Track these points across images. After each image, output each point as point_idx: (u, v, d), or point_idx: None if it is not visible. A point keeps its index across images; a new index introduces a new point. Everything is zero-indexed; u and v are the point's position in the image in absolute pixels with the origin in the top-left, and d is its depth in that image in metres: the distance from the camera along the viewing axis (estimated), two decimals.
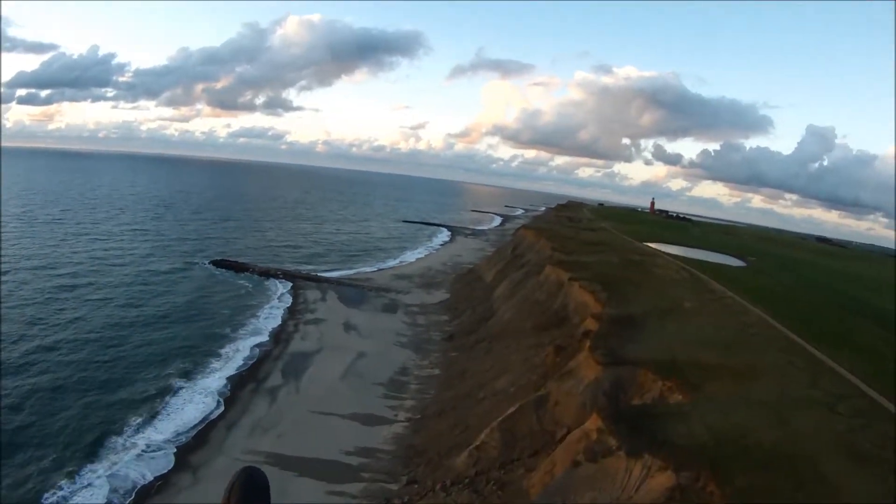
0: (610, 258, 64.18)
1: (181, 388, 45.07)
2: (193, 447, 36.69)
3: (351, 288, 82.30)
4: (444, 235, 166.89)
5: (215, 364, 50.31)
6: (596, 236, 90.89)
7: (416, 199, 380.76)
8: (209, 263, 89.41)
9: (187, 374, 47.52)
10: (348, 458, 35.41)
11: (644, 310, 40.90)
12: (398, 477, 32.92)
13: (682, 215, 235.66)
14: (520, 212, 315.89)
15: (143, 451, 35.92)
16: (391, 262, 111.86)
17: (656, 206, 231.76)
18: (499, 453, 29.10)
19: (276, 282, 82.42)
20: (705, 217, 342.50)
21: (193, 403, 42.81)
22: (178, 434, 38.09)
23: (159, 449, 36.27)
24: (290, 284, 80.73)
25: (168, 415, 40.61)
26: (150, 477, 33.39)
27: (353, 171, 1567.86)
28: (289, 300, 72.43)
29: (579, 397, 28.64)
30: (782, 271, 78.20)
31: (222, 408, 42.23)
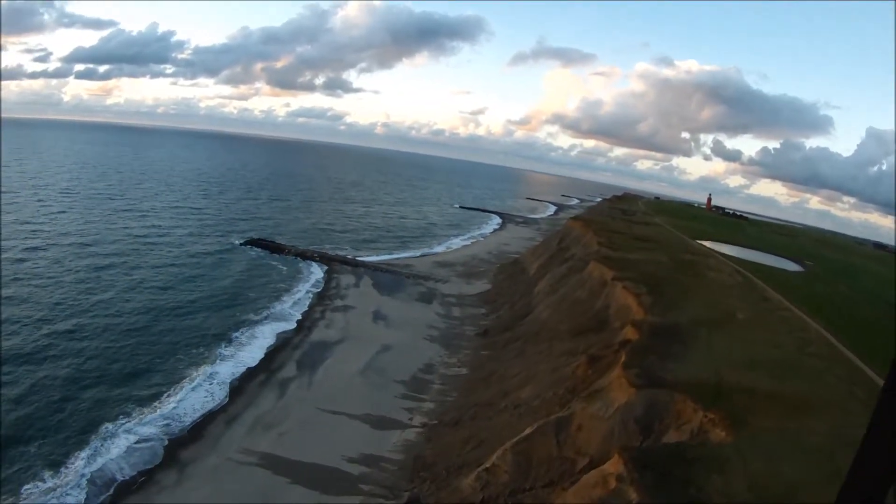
0: (659, 257, 59.28)
1: (189, 376, 42.72)
2: (186, 441, 34.08)
3: (388, 274, 79.26)
4: (495, 223, 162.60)
5: (230, 351, 47.84)
6: (647, 231, 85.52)
7: (472, 185, 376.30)
8: (245, 244, 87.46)
9: (199, 362, 45.20)
10: (349, 467, 32.12)
11: (691, 319, 36.40)
12: (399, 493, 29.48)
13: (738, 213, 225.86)
14: (575, 202, 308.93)
15: (133, 443, 33.48)
16: (436, 249, 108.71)
17: (713, 203, 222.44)
18: (510, 479, 25.29)
19: (312, 264, 79.98)
20: (762, 216, 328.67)
21: (198, 393, 40.32)
22: (174, 426, 35.56)
23: (150, 441, 33.77)
24: (326, 268, 78.16)
25: (168, 404, 38.12)
26: (132, 472, 30.89)
27: (412, 154, 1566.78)
28: (321, 285, 69.71)
29: (607, 423, 24.56)
30: (840, 278, 71.83)
31: (227, 399, 39.52)
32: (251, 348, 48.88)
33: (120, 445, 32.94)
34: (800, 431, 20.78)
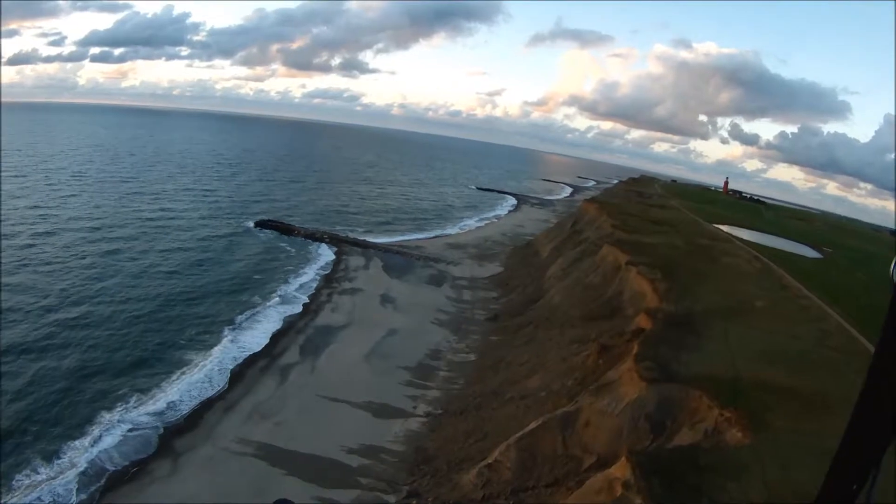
0: (675, 240, 57.39)
1: (189, 362, 41.63)
2: (182, 430, 32.96)
3: (398, 256, 77.84)
4: (510, 204, 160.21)
5: (233, 336, 46.68)
6: (663, 214, 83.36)
7: (490, 166, 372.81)
8: (256, 225, 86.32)
9: (201, 348, 44.10)
10: (348, 458, 30.89)
11: (707, 307, 34.72)
12: (399, 487, 28.21)
13: (756, 197, 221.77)
14: (591, 183, 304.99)
15: (128, 432, 32.47)
16: (449, 230, 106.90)
17: (730, 187, 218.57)
18: (512, 476, 23.92)
19: (322, 246, 78.77)
20: (779, 200, 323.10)
21: (197, 380, 39.17)
22: (170, 414, 34.48)
23: (146, 430, 32.77)
24: (335, 249, 76.93)
25: (166, 392, 37.01)
26: (125, 462, 29.89)
27: (428, 134, 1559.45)
28: (329, 267, 68.45)
29: (616, 419, 23.06)
30: (859, 266, 69.57)
31: (226, 386, 38.41)
32: (255, 333, 47.77)
33: (115, 435, 31.88)
34: (820, 433, 19.14)
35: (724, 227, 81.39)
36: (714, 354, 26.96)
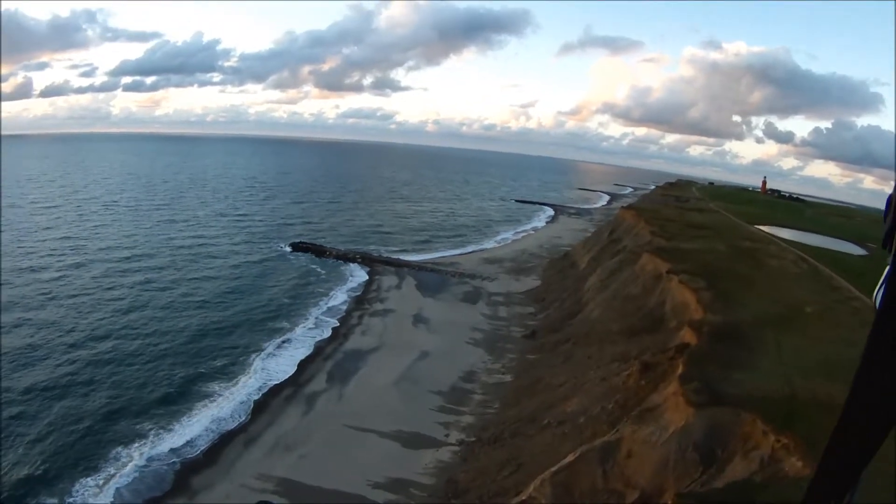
0: (716, 245, 54.41)
1: (213, 393, 40.49)
2: (200, 465, 31.65)
3: (433, 273, 76.12)
4: (547, 215, 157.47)
5: (260, 365, 45.39)
6: (702, 218, 79.95)
7: (526, 178, 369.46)
8: (288, 247, 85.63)
9: (226, 378, 43.02)
10: (374, 493, 29.02)
11: (755, 316, 32.08)
12: None
13: (794, 195, 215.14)
14: (629, 190, 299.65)
15: (143, 465, 31.27)
16: (486, 244, 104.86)
17: (767, 186, 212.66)
18: None
19: (354, 266, 77.53)
20: (817, 197, 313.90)
21: (219, 412, 37.86)
22: (187, 449, 33.14)
23: (162, 466, 31.40)
24: (368, 269, 75.56)
25: (186, 426, 35.76)
26: (137, 501, 28.54)
27: (464, 149, 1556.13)
28: (361, 288, 66.98)
29: (661, 450, 20.69)
30: None
31: (248, 418, 36.96)
32: (282, 361, 46.40)
33: (129, 472, 30.68)
34: (885, 456, 16.63)
35: (766, 228, 78.04)
36: (766, 370, 24.44)
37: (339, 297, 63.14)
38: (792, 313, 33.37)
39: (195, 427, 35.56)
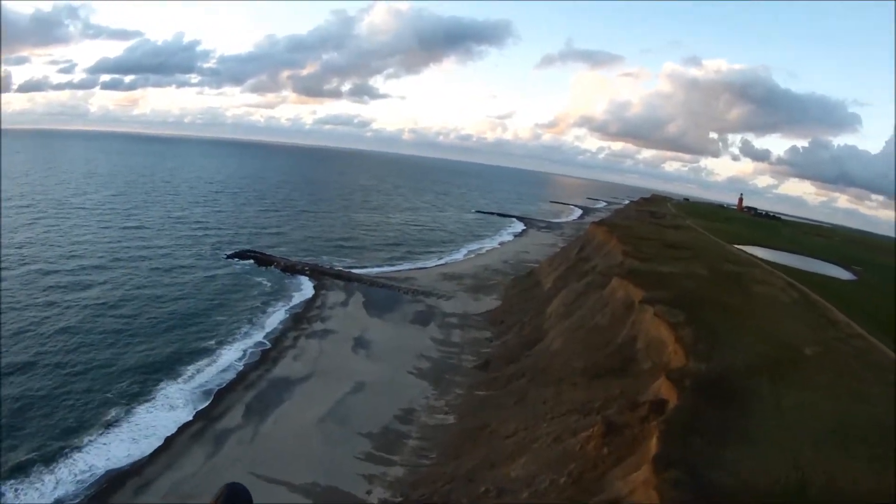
0: (696, 268, 49.28)
1: (113, 423, 34.52)
2: None
3: (385, 289, 70.12)
4: (517, 228, 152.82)
5: (170, 391, 39.23)
6: (680, 236, 75.17)
7: (499, 189, 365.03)
8: (232, 256, 79.08)
9: (129, 406, 36.74)
10: None
11: (747, 362, 26.77)
12: None
13: (770, 213, 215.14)
14: (602, 204, 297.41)
15: None
16: (446, 258, 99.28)
17: (743, 203, 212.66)
18: None
19: (303, 279, 71.32)
20: (792, 216, 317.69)
21: (112, 450, 31.76)
22: (66, 498, 26.83)
23: None
24: (315, 283, 69.36)
25: (70, 465, 29.73)
26: None
27: (440, 159, 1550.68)
28: (302, 305, 60.66)
29: None
30: None
31: (145, 458, 30.78)
32: (198, 389, 40.08)
33: None
34: None
35: (746, 248, 74.58)
36: (767, 442, 19.06)
37: (278, 315, 56.85)
38: (789, 356, 28.31)
39: (81, 466, 29.49)
